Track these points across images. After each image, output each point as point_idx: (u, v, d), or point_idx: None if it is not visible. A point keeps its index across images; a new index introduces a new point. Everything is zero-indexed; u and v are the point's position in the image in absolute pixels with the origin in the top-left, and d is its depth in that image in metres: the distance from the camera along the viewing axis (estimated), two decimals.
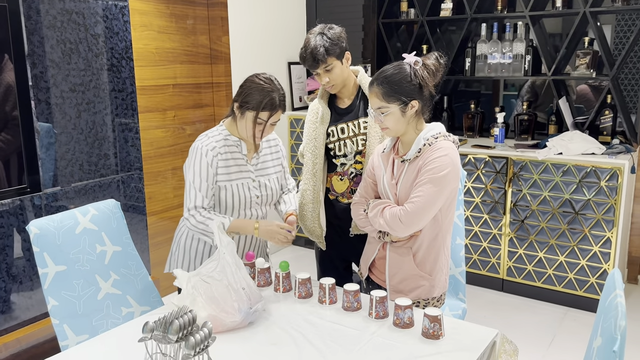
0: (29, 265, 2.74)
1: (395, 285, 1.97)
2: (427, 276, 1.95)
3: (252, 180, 2.10)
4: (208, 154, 2.00)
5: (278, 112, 2.00)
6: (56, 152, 2.81)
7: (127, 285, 2.11)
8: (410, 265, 1.93)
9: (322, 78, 2.19)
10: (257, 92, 1.96)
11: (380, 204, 1.94)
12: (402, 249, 1.95)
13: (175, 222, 3.61)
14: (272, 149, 2.21)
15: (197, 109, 3.68)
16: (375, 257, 2.04)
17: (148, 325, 1.44)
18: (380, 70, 1.90)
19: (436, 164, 1.82)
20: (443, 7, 3.97)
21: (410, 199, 1.84)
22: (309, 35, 2.19)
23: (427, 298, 1.97)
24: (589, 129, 3.57)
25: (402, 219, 1.83)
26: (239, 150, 2.08)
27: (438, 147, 1.86)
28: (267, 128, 2.01)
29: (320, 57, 2.12)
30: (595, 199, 3.20)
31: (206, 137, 2.05)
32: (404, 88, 1.83)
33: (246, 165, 2.09)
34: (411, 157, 1.89)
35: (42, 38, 2.68)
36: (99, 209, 2.13)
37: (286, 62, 4.31)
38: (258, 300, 1.78)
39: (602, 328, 1.30)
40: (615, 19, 3.87)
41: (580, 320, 3.28)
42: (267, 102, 1.95)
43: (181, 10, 3.48)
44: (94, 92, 2.96)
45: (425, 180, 1.82)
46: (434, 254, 1.94)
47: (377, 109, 1.86)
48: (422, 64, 1.87)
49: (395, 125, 1.87)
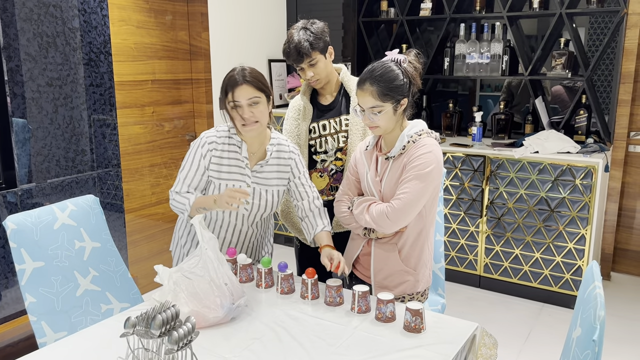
0: (4, 262, 2.68)
1: (381, 281, 1.99)
2: (412, 271, 1.97)
3: (247, 185, 2.02)
4: (204, 146, 2.00)
5: (242, 86, 1.89)
6: (32, 148, 2.76)
7: (107, 281, 2.08)
8: (395, 261, 1.95)
9: (307, 73, 2.19)
10: (223, 80, 1.97)
11: (365, 201, 1.95)
12: (387, 245, 1.96)
13: (154, 219, 3.58)
14: (282, 161, 2.08)
15: (176, 105, 3.65)
16: (360, 253, 2.05)
17: (130, 321, 1.42)
18: (369, 68, 1.88)
19: (421, 160, 1.84)
20: (422, 7, 4.01)
21: (397, 196, 1.86)
22: (292, 30, 2.19)
23: (412, 293, 1.99)
24: (564, 129, 3.64)
25: (389, 215, 1.85)
26: (239, 152, 2.02)
27: (422, 143, 1.88)
28: (243, 109, 1.90)
29: (304, 51, 2.13)
30: (570, 196, 3.27)
31: (214, 129, 2.06)
32: (398, 86, 1.84)
33: (244, 168, 2.02)
34: (395, 154, 1.90)
35: (18, 31, 2.62)
36: (78, 204, 2.10)
37: (266, 59, 4.30)
38: (240, 295, 1.78)
39: (581, 319, 1.33)
40: (589, 21, 3.96)
41: (555, 315, 3.34)
42: (227, 83, 1.93)
43: (160, 5, 3.44)
44: (71, 86, 2.91)
45: (411, 177, 1.84)
46: (419, 250, 1.97)
47: (371, 108, 1.84)
48: (408, 61, 1.89)
49: (387, 123, 1.87)
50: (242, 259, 2.04)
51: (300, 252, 2.49)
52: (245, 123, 1.92)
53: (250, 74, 1.92)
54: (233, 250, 2.09)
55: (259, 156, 2.06)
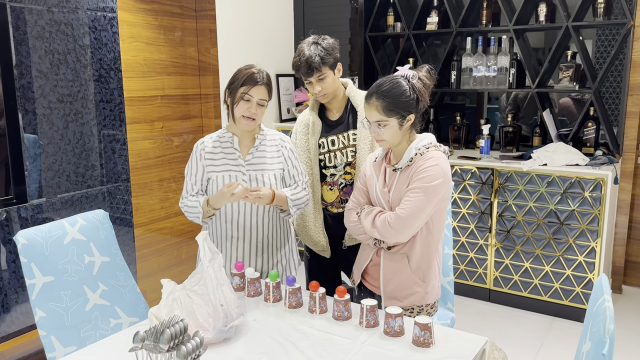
0: (14, 277, 2.70)
1: (390, 292, 1.99)
2: (421, 283, 1.97)
3: (243, 174, 2.13)
4: (197, 148, 2.16)
5: (259, 86, 2.06)
6: (43, 163, 2.79)
7: (116, 296, 2.09)
8: (405, 271, 1.96)
9: (315, 87, 2.21)
10: (239, 72, 2.09)
11: (372, 210, 1.96)
12: (397, 255, 1.97)
13: (162, 233, 3.59)
14: (275, 147, 2.20)
15: (185, 121, 3.68)
16: (369, 264, 2.06)
17: (139, 335, 1.43)
18: (377, 83, 1.92)
19: (428, 172, 1.86)
20: (429, 21, 4.04)
21: (401, 206, 1.88)
22: (302, 44, 2.21)
23: (421, 305, 1.99)
24: (573, 141, 3.63)
25: (392, 224, 1.87)
26: (231, 144, 2.15)
27: (429, 156, 1.90)
28: (251, 104, 2.05)
29: (315, 65, 2.15)
30: (580, 209, 3.25)
31: (207, 136, 2.21)
32: (403, 102, 1.87)
33: (237, 159, 2.14)
34: (403, 165, 1.92)
35: (30, 49, 2.67)
36: (88, 219, 2.11)
37: (274, 74, 4.34)
38: (236, 317, 1.75)
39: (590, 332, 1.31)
40: (596, 34, 3.96)
41: (566, 329, 3.31)
42: (246, 76, 2.05)
43: (169, 22, 3.49)
44: (82, 102, 2.95)
45: (415, 189, 1.86)
46: (428, 261, 1.97)
47: (376, 122, 1.89)
48: (417, 77, 1.90)
49: (392, 137, 1.90)
50: (250, 273, 2.05)
51: (310, 263, 2.49)
52: (249, 116, 2.07)
53: (267, 78, 2.10)
54: (241, 264, 2.10)
55: (250, 146, 2.17)
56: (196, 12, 3.67)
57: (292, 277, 1.96)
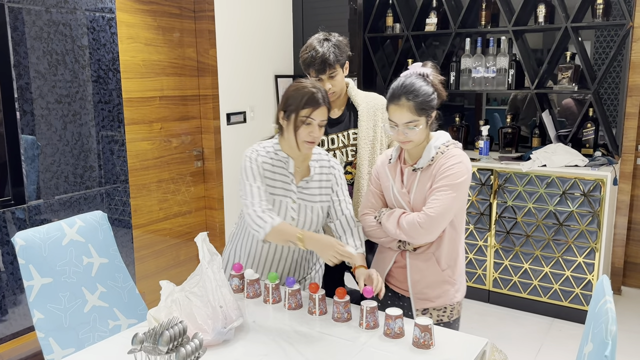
0: (12, 279, 2.69)
1: (420, 293, 1.95)
2: (451, 280, 1.95)
3: (293, 201, 2.00)
4: (254, 160, 1.96)
5: (322, 108, 1.90)
6: (41, 164, 2.78)
7: (114, 297, 2.08)
8: (434, 271, 1.93)
9: (325, 84, 2.19)
10: (296, 92, 1.92)
11: (394, 212, 1.93)
12: (424, 255, 1.94)
13: (161, 235, 3.58)
14: (325, 175, 2.07)
15: (184, 122, 3.67)
16: (392, 266, 2.02)
17: (138, 337, 1.42)
18: (401, 84, 1.85)
19: (453, 170, 1.84)
20: (428, 22, 4.03)
21: (429, 205, 1.84)
22: (312, 40, 2.20)
23: (452, 303, 1.96)
24: (572, 142, 3.63)
25: (423, 224, 1.83)
26: (286, 167, 2.00)
27: (452, 154, 1.88)
28: (313, 128, 1.89)
29: (330, 62, 2.14)
30: (579, 210, 3.25)
31: (258, 145, 2.01)
32: (431, 100, 1.84)
33: (290, 184, 2.00)
34: (423, 165, 1.89)
35: (28, 49, 2.66)
36: (86, 220, 2.11)
37: (273, 75, 4.33)
38: (235, 318, 1.74)
39: (592, 334, 1.31)
40: (595, 35, 3.96)
41: (566, 330, 3.30)
42: (307, 97, 1.89)
43: (168, 22, 3.48)
44: (80, 103, 2.94)
45: (443, 186, 1.83)
46: (455, 258, 1.95)
47: (407, 123, 1.82)
48: (433, 74, 1.88)
49: (420, 138, 1.86)
50: (249, 275, 2.04)
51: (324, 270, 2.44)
52: (312, 141, 1.92)
53: (327, 95, 1.95)
54: (239, 265, 2.09)
55: (303, 172, 2.04)
56: (195, 13, 3.66)
57: (292, 279, 1.95)
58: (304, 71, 2.27)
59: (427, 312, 1.96)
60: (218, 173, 3.84)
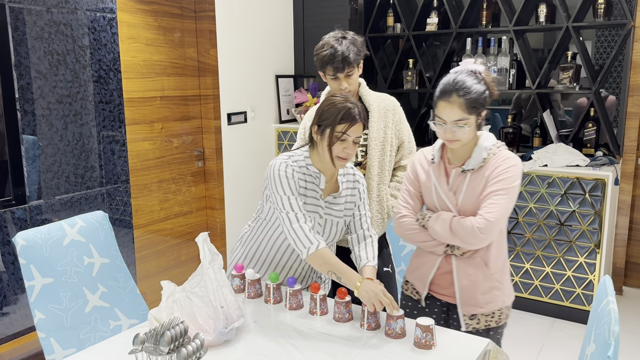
0: (14, 279, 2.69)
1: (468, 299, 1.88)
2: (500, 285, 1.88)
3: (320, 216, 1.97)
4: (288, 174, 1.90)
5: (358, 124, 1.85)
6: (42, 165, 2.78)
7: (115, 297, 2.08)
8: (484, 276, 1.86)
9: (342, 83, 2.17)
10: (332, 107, 1.86)
11: (444, 216, 1.85)
12: (473, 260, 1.86)
13: (162, 235, 3.58)
14: (349, 191, 2.04)
15: (185, 122, 3.67)
16: (436, 272, 1.93)
17: (139, 337, 1.42)
18: (452, 79, 1.78)
19: (509, 173, 1.78)
20: (429, 22, 4.03)
21: (487, 210, 1.77)
22: (329, 38, 2.17)
23: (501, 308, 1.90)
24: (573, 142, 3.62)
25: (482, 230, 1.75)
26: (317, 183, 1.96)
27: (505, 156, 1.81)
28: (348, 144, 1.85)
29: (350, 60, 2.12)
30: (580, 210, 3.25)
31: (288, 159, 1.94)
32: (483, 98, 1.77)
33: (319, 200, 1.97)
34: (474, 167, 1.82)
35: (29, 49, 2.66)
36: (87, 220, 2.10)
37: (274, 75, 4.33)
38: (236, 319, 1.74)
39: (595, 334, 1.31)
40: (596, 34, 3.96)
41: (567, 330, 3.30)
42: (343, 113, 1.83)
43: (169, 23, 3.48)
44: (81, 103, 2.94)
45: (499, 190, 1.77)
46: (502, 262, 1.89)
47: (456, 121, 1.75)
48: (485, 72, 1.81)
49: (468, 137, 1.79)
50: (250, 275, 2.04)
51: None
52: (346, 158, 1.88)
53: (363, 110, 1.89)
54: (241, 265, 2.09)
55: (332, 186, 2.01)
56: (196, 13, 3.66)
57: (293, 279, 1.95)
58: (318, 69, 2.22)
59: (475, 318, 1.89)
60: (219, 173, 3.84)
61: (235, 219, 4.00)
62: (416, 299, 2.02)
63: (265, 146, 4.29)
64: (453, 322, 1.95)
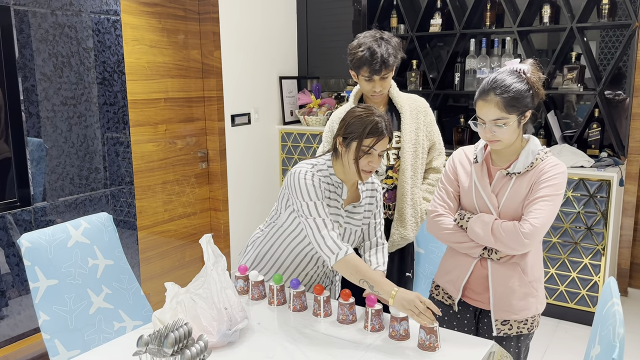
0: (18, 281, 2.70)
1: (503, 305, 1.84)
2: (535, 292, 1.85)
3: (340, 225, 1.97)
4: (316, 182, 1.88)
5: (385, 138, 1.84)
6: (46, 166, 2.79)
7: (119, 299, 2.09)
8: (520, 282, 1.82)
9: (376, 85, 2.14)
10: (358, 120, 1.85)
11: (485, 218, 1.80)
12: (509, 266, 1.82)
13: (166, 236, 3.59)
14: (369, 200, 2.04)
15: (188, 123, 3.68)
16: (470, 276, 1.89)
17: (143, 339, 1.42)
18: (491, 79, 1.75)
19: (557, 180, 1.74)
20: (432, 23, 4.03)
21: (533, 215, 1.73)
22: (366, 39, 2.12)
23: (534, 315, 1.86)
24: (577, 143, 3.61)
25: (527, 235, 1.71)
26: (339, 194, 1.96)
27: (553, 162, 1.78)
28: (373, 158, 1.85)
29: (390, 64, 2.09)
30: (585, 211, 3.23)
31: (312, 168, 1.92)
32: (524, 97, 1.72)
33: (340, 209, 1.97)
34: (521, 170, 1.78)
35: (34, 51, 2.67)
36: (91, 222, 2.11)
37: (277, 77, 4.33)
38: (240, 320, 1.74)
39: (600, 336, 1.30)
40: (600, 35, 3.94)
41: (571, 332, 3.29)
42: (371, 127, 1.82)
43: (173, 24, 3.49)
44: (86, 105, 2.95)
45: (546, 196, 1.73)
46: (538, 268, 1.86)
47: (494, 120, 1.72)
48: (531, 71, 1.76)
49: (509, 137, 1.75)
50: (254, 276, 2.04)
51: None
52: (370, 170, 1.88)
53: (389, 123, 1.88)
54: (244, 267, 2.09)
55: (352, 196, 2.01)
56: (199, 15, 3.67)
57: (297, 280, 1.95)
58: (352, 69, 2.17)
59: (508, 324, 1.85)
60: (223, 174, 3.84)
61: (239, 221, 4.01)
62: (448, 304, 1.97)
63: (269, 148, 4.29)
64: (483, 327, 1.91)
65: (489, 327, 1.88)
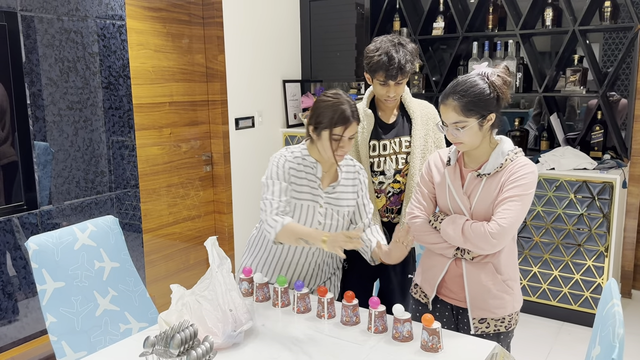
0: (25, 283, 2.72)
1: (479, 304, 1.87)
2: (510, 290, 1.88)
3: (320, 205, 2.02)
4: (280, 164, 2.00)
5: (352, 124, 1.93)
6: (53, 170, 2.82)
7: (125, 301, 2.11)
8: (494, 280, 1.85)
9: (391, 91, 2.15)
10: (327, 109, 1.93)
11: (457, 219, 1.84)
12: (483, 265, 1.85)
13: (171, 239, 3.61)
14: (351, 180, 2.09)
15: (193, 127, 3.70)
16: (445, 275, 1.92)
17: (149, 340, 1.44)
18: (452, 83, 1.80)
19: (526, 180, 1.77)
20: (435, 27, 4.04)
21: (500, 215, 1.76)
22: (383, 43, 2.12)
23: (511, 313, 1.90)
24: (580, 145, 3.62)
25: (495, 235, 1.74)
26: (314, 173, 2.02)
27: (523, 162, 1.80)
28: (344, 143, 1.94)
29: (406, 70, 2.11)
30: (588, 213, 3.24)
31: (286, 151, 2.05)
32: (483, 101, 1.75)
33: (317, 189, 2.02)
34: (490, 171, 1.81)
35: (40, 57, 2.70)
36: (98, 225, 2.13)
37: (281, 80, 4.36)
38: (245, 322, 1.76)
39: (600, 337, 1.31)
40: (603, 37, 3.95)
41: (575, 334, 3.29)
42: (338, 116, 1.91)
43: (177, 29, 3.52)
44: (91, 109, 2.98)
45: (514, 196, 1.76)
46: (512, 267, 1.89)
47: (454, 124, 1.77)
48: (496, 74, 1.78)
49: (472, 139, 1.78)
50: (258, 278, 2.06)
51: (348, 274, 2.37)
52: (342, 154, 1.97)
53: (357, 112, 1.96)
54: (249, 269, 2.11)
55: (330, 176, 2.06)
56: (204, 20, 3.70)
57: (301, 282, 1.96)
58: (367, 72, 2.19)
59: (485, 322, 1.88)
60: (227, 177, 3.87)
61: (243, 223, 4.03)
62: (424, 302, 2.01)
63: (273, 150, 4.31)
64: (463, 327, 1.95)
65: (468, 325, 1.91)
